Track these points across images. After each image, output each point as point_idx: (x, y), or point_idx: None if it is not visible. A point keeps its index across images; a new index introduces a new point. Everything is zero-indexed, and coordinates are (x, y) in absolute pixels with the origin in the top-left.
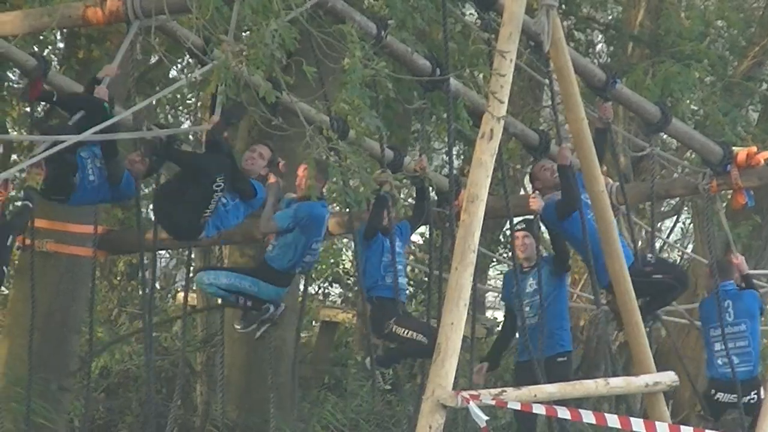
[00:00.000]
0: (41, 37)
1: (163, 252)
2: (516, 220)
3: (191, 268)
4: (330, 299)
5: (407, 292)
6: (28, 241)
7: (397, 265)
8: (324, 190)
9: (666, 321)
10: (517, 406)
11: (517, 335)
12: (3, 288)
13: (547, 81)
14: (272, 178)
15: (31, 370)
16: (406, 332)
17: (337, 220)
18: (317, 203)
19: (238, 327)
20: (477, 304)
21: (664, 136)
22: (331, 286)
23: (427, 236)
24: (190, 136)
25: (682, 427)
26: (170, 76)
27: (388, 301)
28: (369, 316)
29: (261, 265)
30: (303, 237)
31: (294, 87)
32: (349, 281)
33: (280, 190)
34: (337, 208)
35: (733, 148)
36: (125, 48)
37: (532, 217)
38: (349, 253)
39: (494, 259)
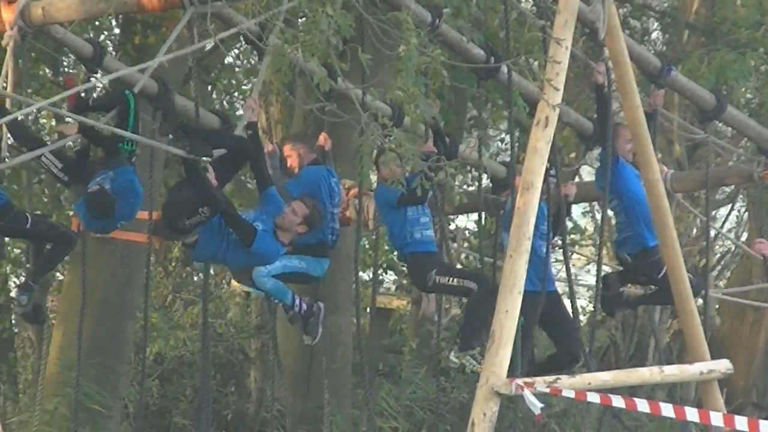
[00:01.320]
0: (97, 23)
1: None
2: None
3: None
4: (384, 286)
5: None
6: (82, 227)
7: (423, 217)
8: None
9: (721, 308)
10: (572, 394)
11: None
12: (58, 273)
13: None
14: (269, 147)
15: (81, 356)
16: (451, 280)
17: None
18: (321, 167)
19: (307, 341)
20: None
21: (719, 124)
22: (385, 273)
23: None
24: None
25: (736, 417)
26: (225, 62)
27: (423, 255)
28: (408, 275)
29: (296, 247)
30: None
31: (349, 74)
32: (403, 267)
33: (278, 157)
34: None
35: None
36: (176, 33)
37: None
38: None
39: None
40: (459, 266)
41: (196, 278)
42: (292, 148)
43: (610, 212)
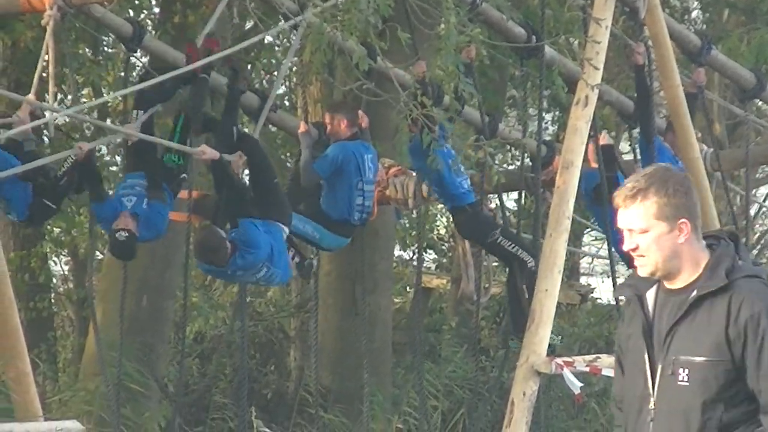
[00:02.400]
0: (137, 2)
1: None
2: None
3: None
4: (424, 265)
5: None
6: None
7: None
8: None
9: None
10: (611, 373)
11: None
12: (98, 253)
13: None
14: (302, 127)
15: (123, 334)
16: (512, 246)
17: (430, 187)
18: (352, 142)
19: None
20: (572, 271)
21: (759, 103)
22: (426, 252)
23: (521, 202)
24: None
25: None
26: (265, 41)
27: (479, 207)
28: (466, 226)
29: (319, 213)
30: (344, 179)
31: (388, 53)
32: (443, 246)
33: (312, 138)
34: None
35: None
36: (218, 13)
37: None
38: (444, 219)
39: (588, 227)
40: None
41: None
42: (332, 117)
43: None
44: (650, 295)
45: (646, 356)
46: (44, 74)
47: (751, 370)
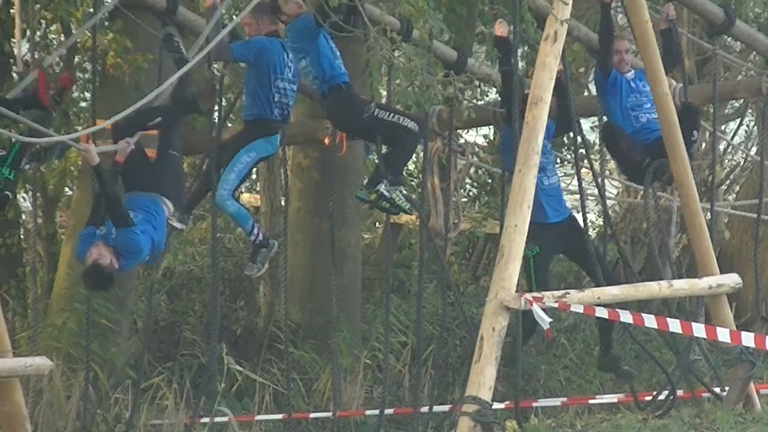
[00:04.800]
0: None
1: None
2: None
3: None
4: None
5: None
6: (91, 142)
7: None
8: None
9: (730, 222)
10: (580, 309)
11: None
12: (67, 189)
13: None
14: (208, 1)
15: None
16: (391, 115)
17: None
18: (269, 38)
19: (248, 271)
20: None
21: (728, 39)
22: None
23: (490, 137)
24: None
25: (743, 333)
26: None
27: (350, 87)
28: (341, 107)
29: (244, 128)
30: (261, 75)
31: None
32: (412, 182)
33: (219, 9)
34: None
35: None
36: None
37: None
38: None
39: (558, 160)
40: (459, 171)
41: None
42: (252, 16)
43: None
44: None
45: None
46: (11, 10)
47: None
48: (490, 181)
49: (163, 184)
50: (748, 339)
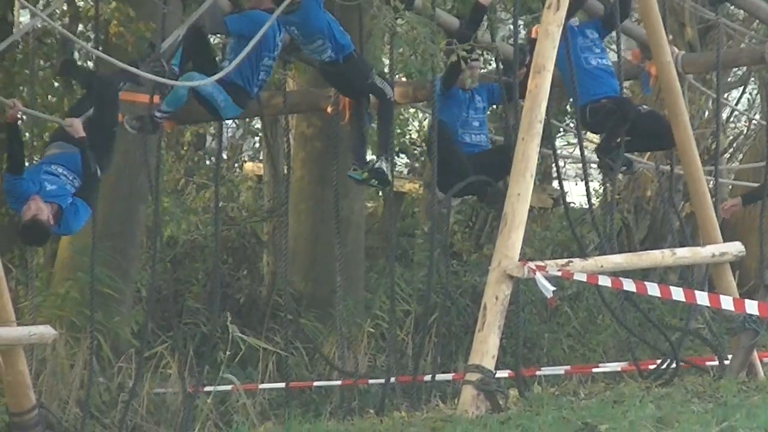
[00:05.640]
0: None
1: (229, 122)
2: None
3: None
4: (397, 169)
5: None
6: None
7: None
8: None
9: (733, 190)
10: (583, 277)
11: None
12: None
13: None
14: None
15: (95, 239)
16: (382, 82)
17: (402, 90)
18: (268, 14)
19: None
20: (544, 175)
21: (731, 7)
22: (398, 157)
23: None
24: None
25: (746, 301)
26: None
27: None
28: (354, 70)
29: (222, 81)
30: (254, 51)
31: None
32: (415, 151)
33: None
34: (403, 78)
35: None
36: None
37: None
38: (416, 123)
39: (561, 129)
40: None
41: (208, 162)
42: None
43: None
44: None
45: None
46: None
47: None
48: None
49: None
50: (751, 307)
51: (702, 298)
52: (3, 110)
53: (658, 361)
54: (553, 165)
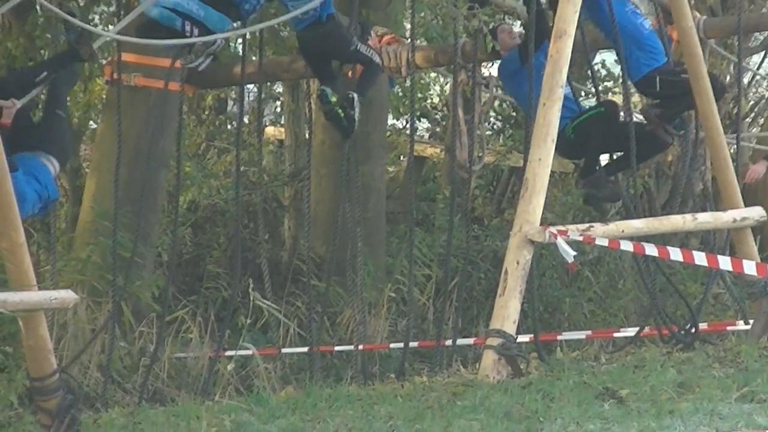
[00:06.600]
0: None
1: (251, 86)
2: None
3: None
4: (418, 134)
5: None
6: (115, 75)
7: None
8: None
9: (754, 155)
10: (605, 242)
11: None
12: (91, 122)
13: None
14: None
15: (117, 204)
16: (368, 50)
17: (424, 54)
18: None
19: (183, 61)
20: None
21: None
22: (419, 121)
23: None
24: None
25: None
26: None
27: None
28: (333, 35)
29: None
30: None
31: None
32: (436, 115)
33: None
34: (424, 42)
35: None
36: None
37: None
38: (437, 87)
39: (582, 93)
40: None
41: (229, 126)
42: None
43: None
44: None
45: None
46: None
47: None
48: (514, 114)
49: (48, 144)
50: None
51: (725, 262)
52: None
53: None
54: None
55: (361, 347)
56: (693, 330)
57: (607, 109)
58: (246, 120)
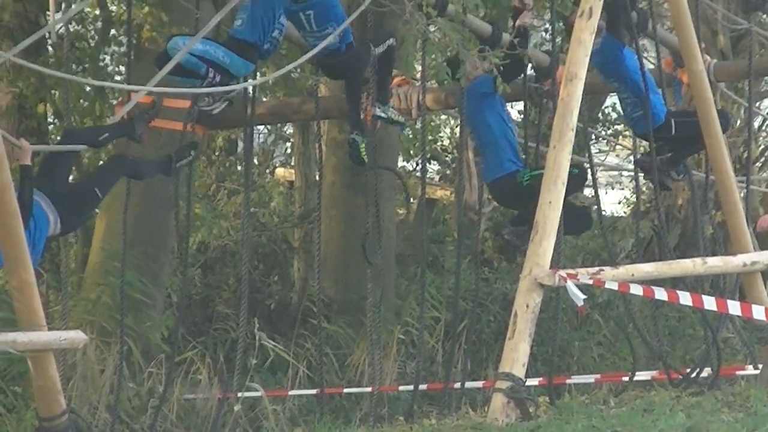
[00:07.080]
0: None
1: (261, 127)
2: None
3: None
4: (428, 176)
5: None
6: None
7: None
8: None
9: (764, 199)
10: (615, 286)
11: None
12: (101, 162)
13: None
14: None
15: (126, 245)
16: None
17: (434, 96)
18: None
19: (202, 105)
20: None
21: (763, 15)
22: (430, 163)
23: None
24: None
25: None
26: None
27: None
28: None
29: (229, 39)
30: (270, 7)
31: None
32: (447, 158)
33: None
34: (435, 84)
35: None
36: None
37: None
38: (447, 130)
39: (593, 136)
40: None
41: (239, 167)
42: None
43: None
44: None
45: None
46: None
47: None
48: (524, 156)
49: (66, 208)
50: None
51: (734, 307)
52: None
53: (688, 370)
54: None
55: (372, 389)
56: (706, 372)
57: (580, 172)
58: (256, 161)
